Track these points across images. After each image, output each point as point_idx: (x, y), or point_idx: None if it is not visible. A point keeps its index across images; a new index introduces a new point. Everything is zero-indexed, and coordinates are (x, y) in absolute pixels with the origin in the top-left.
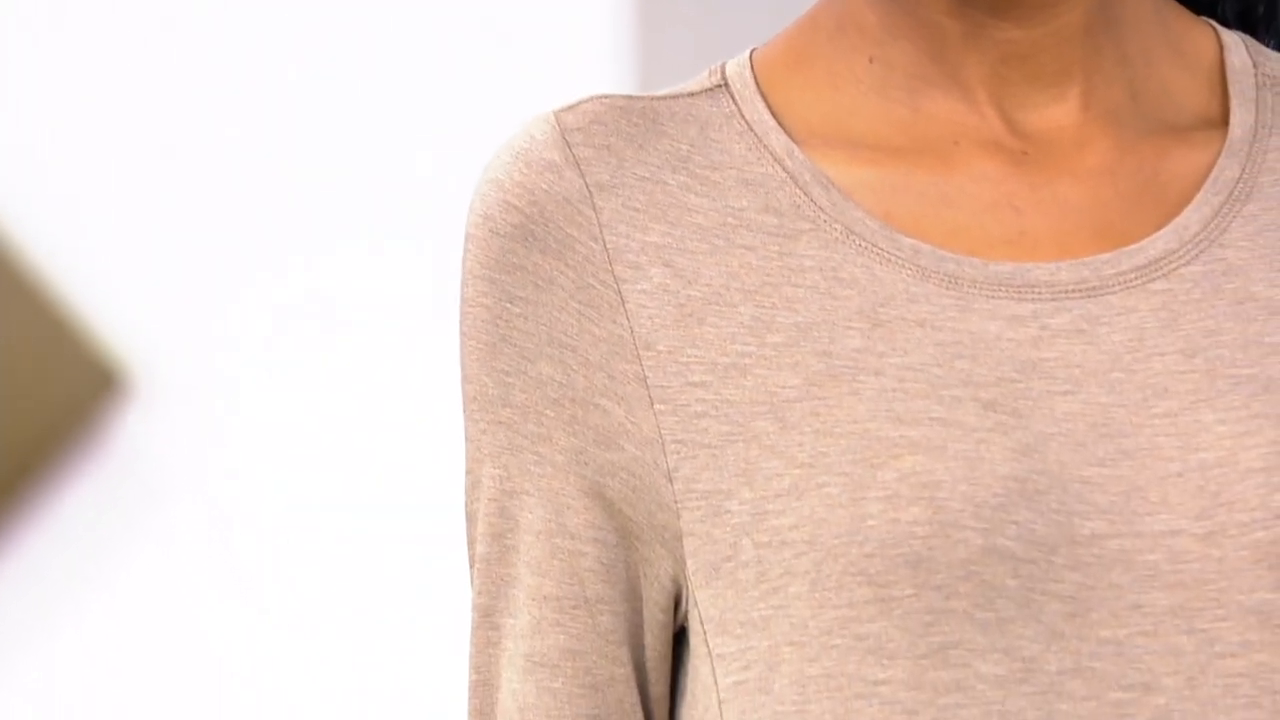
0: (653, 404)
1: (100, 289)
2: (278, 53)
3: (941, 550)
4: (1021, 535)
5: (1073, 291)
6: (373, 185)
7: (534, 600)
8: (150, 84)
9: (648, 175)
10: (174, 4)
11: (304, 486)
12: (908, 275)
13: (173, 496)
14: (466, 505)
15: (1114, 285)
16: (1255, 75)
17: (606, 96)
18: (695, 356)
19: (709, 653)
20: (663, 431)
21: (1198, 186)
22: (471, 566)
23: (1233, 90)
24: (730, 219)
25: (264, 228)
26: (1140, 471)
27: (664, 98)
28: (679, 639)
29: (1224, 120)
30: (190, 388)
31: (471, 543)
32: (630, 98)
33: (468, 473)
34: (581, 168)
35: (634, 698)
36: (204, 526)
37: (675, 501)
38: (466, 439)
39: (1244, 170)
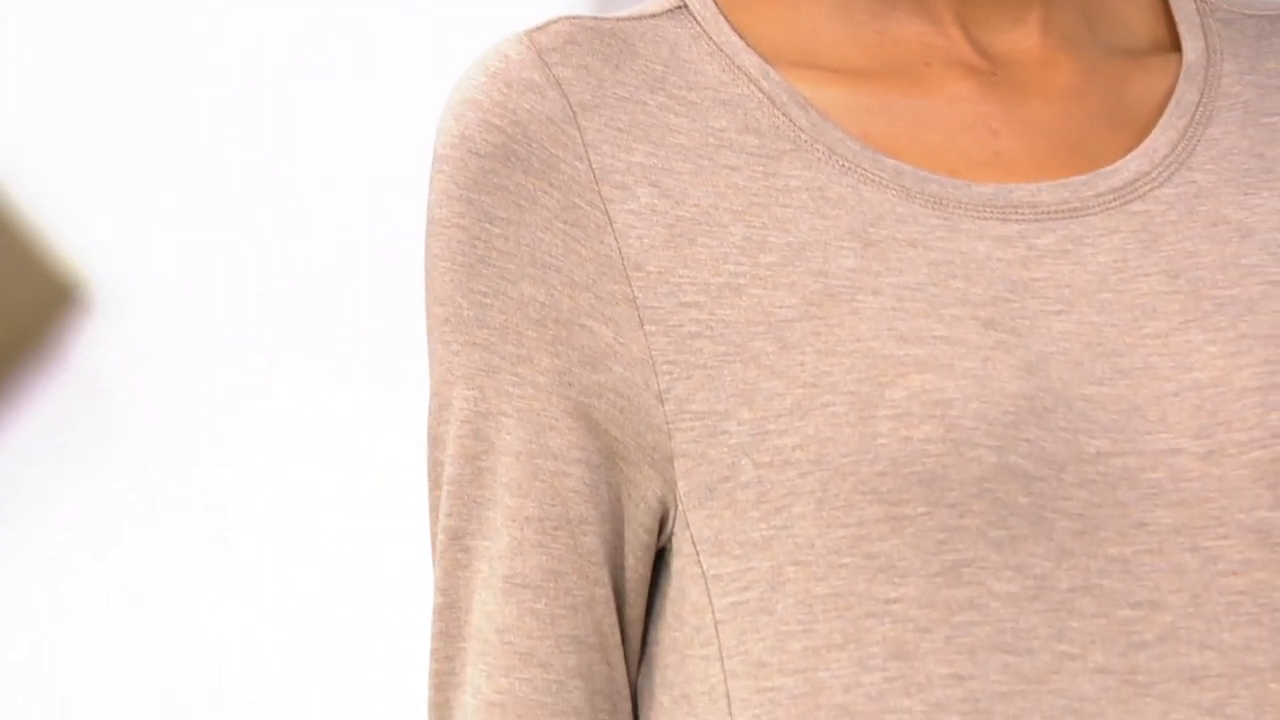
0: (643, 325)
1: (58, 204)
2: None
3: (955, 468)
4: (1033, 453)
5: (1055, 213)
6: (353, 114)
7: (514, 522)
8: None
9: (627, 95)
10: None
11: (263, 405)
12: (893, 196)
13: (130, 413)
14: (430, 428)
15: (1094, 207)
16: (1194, 2)
17: (575, 18)
18: (687, 277)
19: (703, 574)
20: (653, 352)
21: (1160, 110)
22: (434, 489)
23: (1178, 18)
24: (712, 139)
25: (232, 142)
26: (1138, 390)
27: (628, 19)
28: (657, 562)
29: (1174, 46)
30: (149, 304)
31: (436, 465)
32: (597, 19)
33: (434, 395)
34: (563, 88)
35: (613, 619)
36: (161, 443)
37: (667, 423)
38: (433, 361)
39: (1202, 95)
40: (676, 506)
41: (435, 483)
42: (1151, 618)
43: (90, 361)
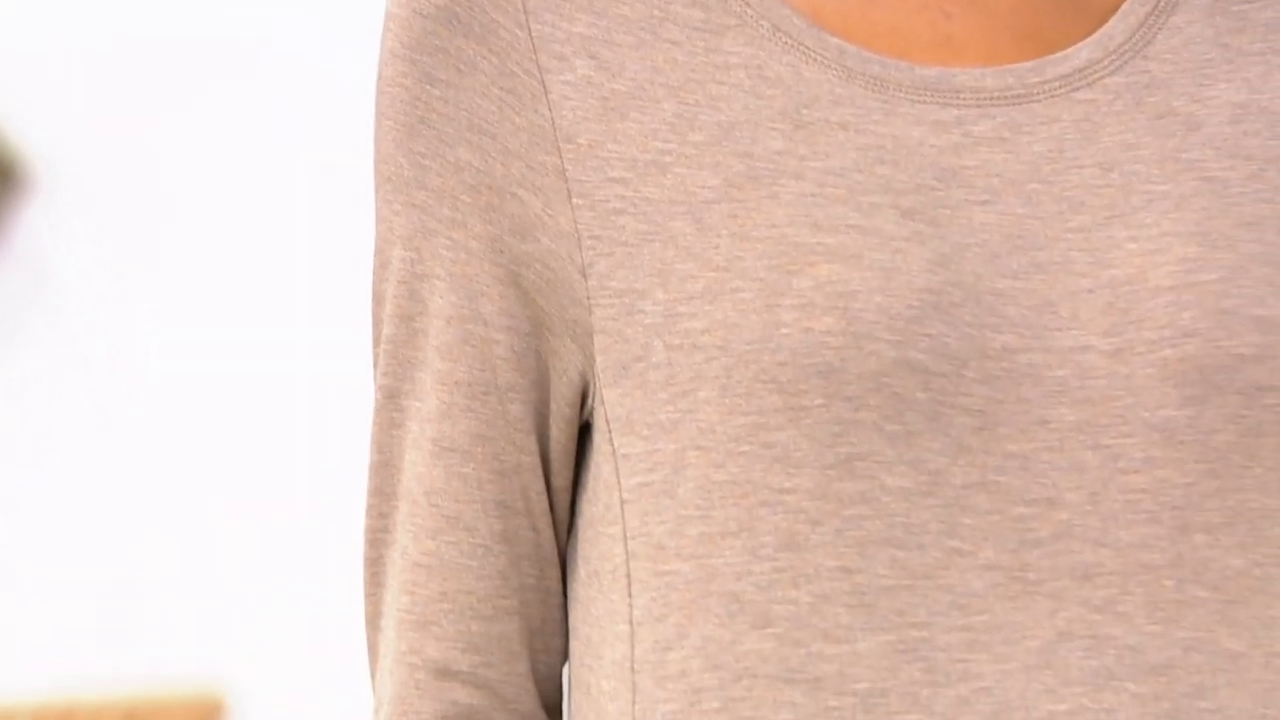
0: (570, 198)
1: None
2: None
3: (853, 361)
4: (934, 348)
5: (997, 98)
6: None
7: (443, 385)
8: None
9: None
10: None
11: (201, 285)
12: (833, 76)
13: (69, 292)
14: (374, 285)
15: (1038, 94)
16: None
17: None
18: (616, 152)
19: (613, 452)
20: (579, 226)
21: None
22: (376, 346)
23: None
24: (657, 12)
25: (178, 34)
26: (1052, 286)
27: None
28: (583, 435)
29: None
30: (91, 184)
31: (377, 323)
32: None
33: (377, 253)
34: None
35: (540, 486)
36: (99, 322)
37: (588, 298)
38: (378, 219)
39: None
40: (595, 382)
41: (376, 340)
42: (1047, 515)
43: (30, 239)
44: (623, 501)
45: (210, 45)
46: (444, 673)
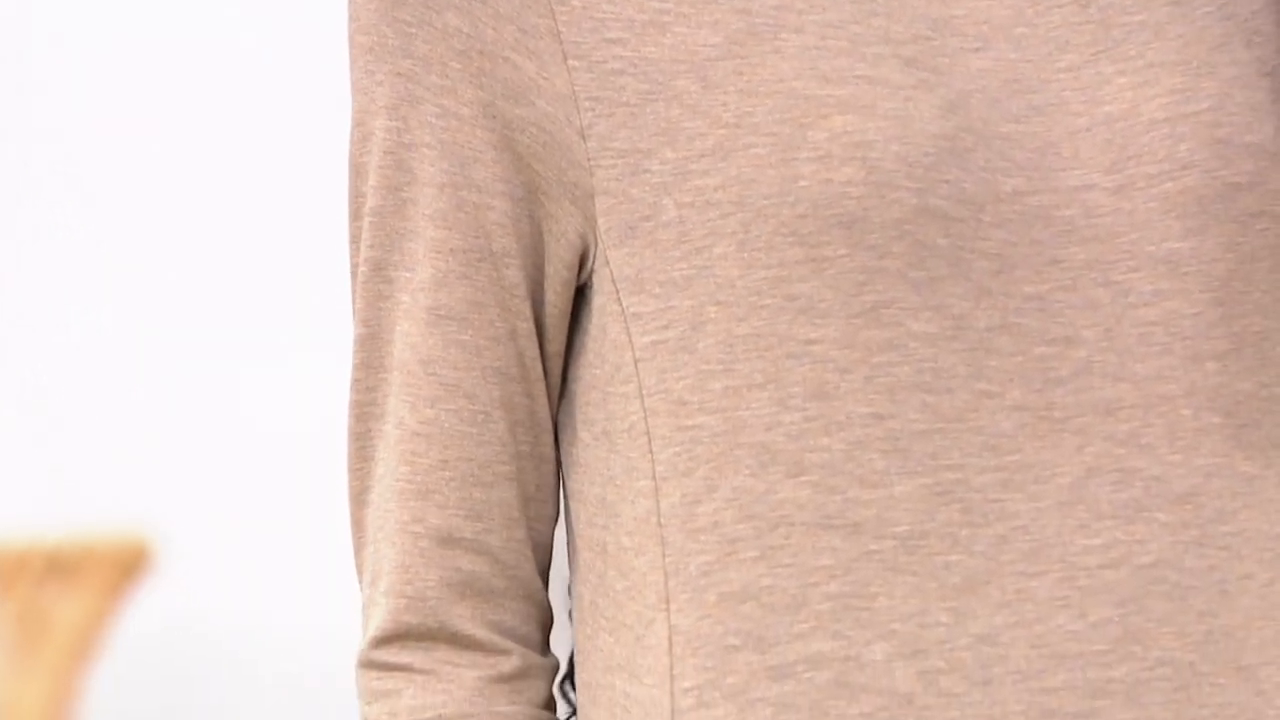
0: (566, 59)
1: None
2: None
3: (875, 210)
4: (952, 194)
5: None
6: None
7: (438, 253)
8: None
9: None
10: None
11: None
12: None
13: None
14: (353, 157)
15: None
16: None
17: None
18: (611, 13)
19: (622, 311)
20: (576, 88)
21: None
22: (355, 220)
23: None
24: None
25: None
26: (1051, 127)
27: None
28: (578, 299)
29: None
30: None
31: (358, 196)
32: None
33: (356, 125)
34: None
35: (535, 352)
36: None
37: (588, 159)
38: (355, 90)
39: None
40: (597, 244)
41: (356, 214)
42: (1066, 353)
43: None
44: (636, 360)
45: (208, 45)
46: (447, 540)
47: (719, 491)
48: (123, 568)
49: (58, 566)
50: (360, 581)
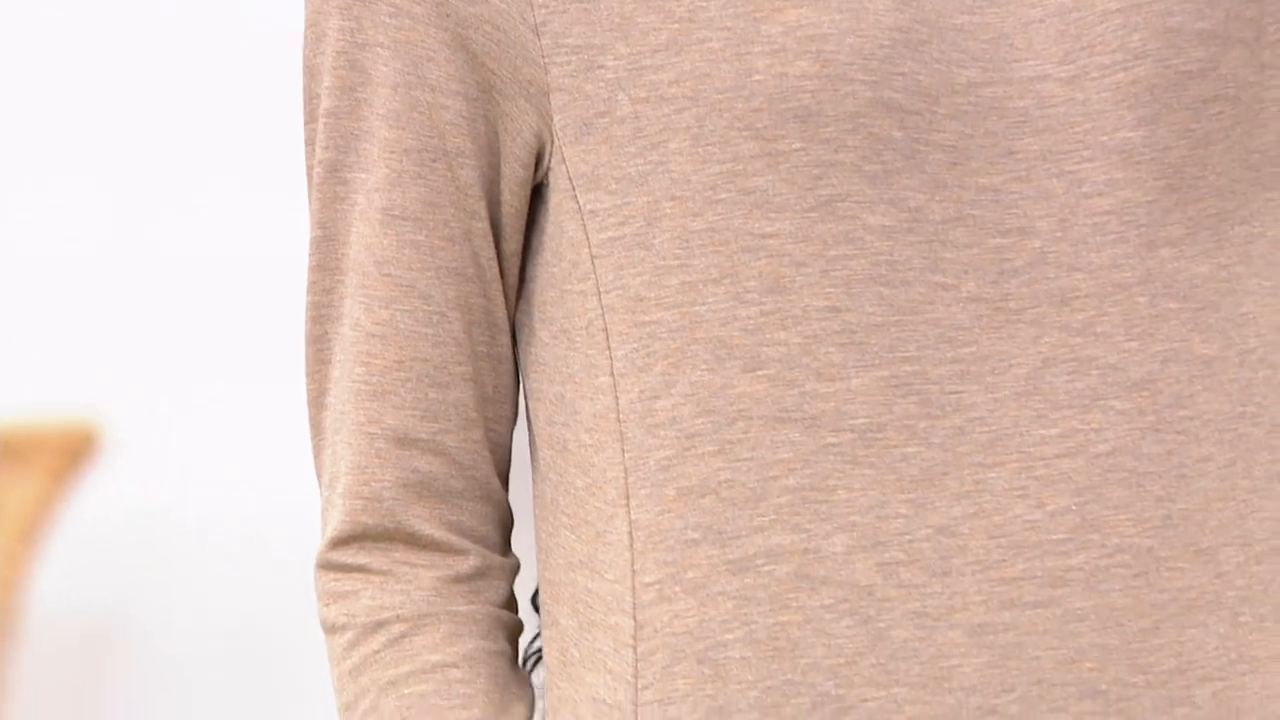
0: None
1: None
2: None
3: (830, 104)
4: (907, 86)
5: None
6: None
7: (392, 154)
8: None
9: None
10: None
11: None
12: None
13: None
14: (306, 59)
15: None
16: None
17: None
18: None
19: (579, 209)
20: None
21: None
22: (310, 122)
23: None
24: None
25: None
26: (1005, 18)
27: None
28: (534, 199)
29: None
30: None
31: (312, 98)
32: None
33: (309, 26)
34: None
35: (490, 252)
36: None
37: (543, 56)
38: None
39: None
40: (553, 141)
41: (311, 116)
42: (1021, 244)
43: None
44: (593, 257)
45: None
46: (404, 441)
47: (677, 387)
48: (71, 453)
49: (6, 451)
50: (319, 484)
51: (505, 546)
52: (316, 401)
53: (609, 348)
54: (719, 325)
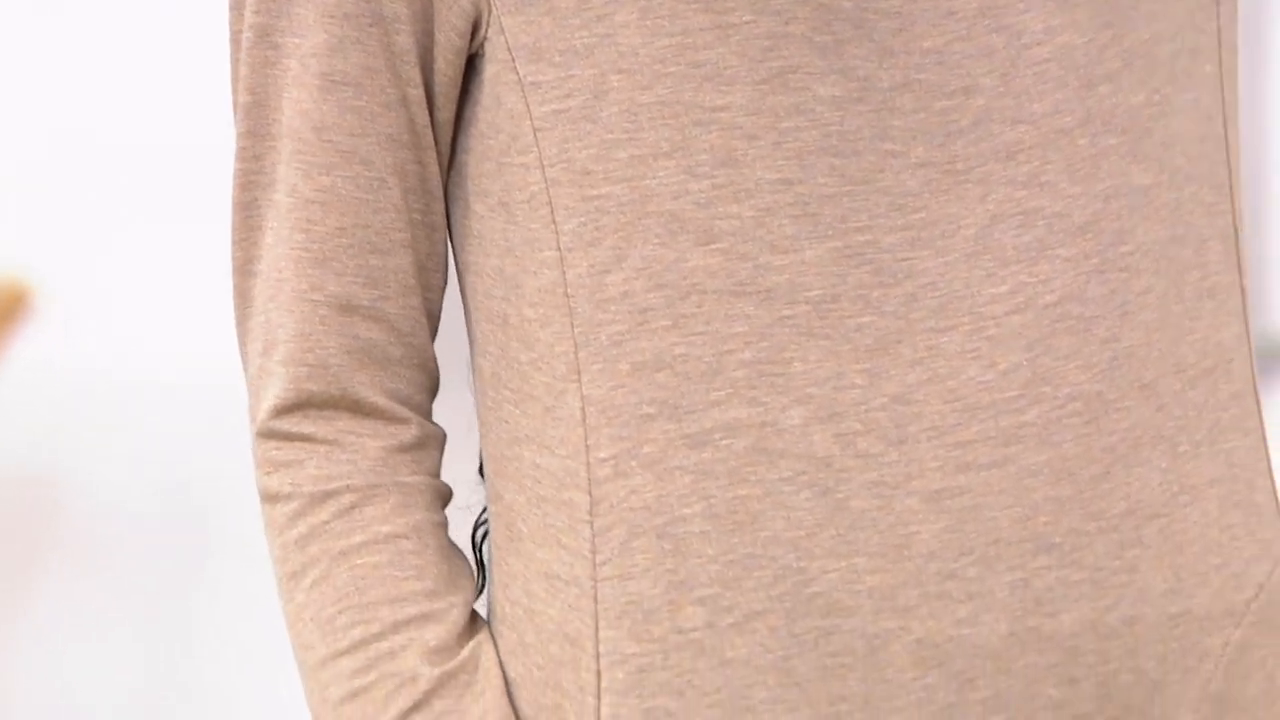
0: None
1: None
2: None
3: None
4: None
5: None
6: None
7: (330, 19)
8: None
9: None
10: None
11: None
12: None
13: None
14: None
15: None
16: None
17: None
18: None
19: (519, 81)
20: None
21: None
22: None
23: None
24: None
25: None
26: None
27: None
28: (468, 70)
29: None
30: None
31: None
32: None
33: None
34: None
35: (425, 119)
36: None
37: None
38: None
39: None
40: (490, 10)
41: None
42: (966, 104)
43: None
44: (535, 130)
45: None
46: (346, 307)
47: (628, 261)
48: (2, 313)
49: None
50: (245, 351)
51: (432, 415)
52: (243, 269)
53: (555, 222)
54: (670, 199)
